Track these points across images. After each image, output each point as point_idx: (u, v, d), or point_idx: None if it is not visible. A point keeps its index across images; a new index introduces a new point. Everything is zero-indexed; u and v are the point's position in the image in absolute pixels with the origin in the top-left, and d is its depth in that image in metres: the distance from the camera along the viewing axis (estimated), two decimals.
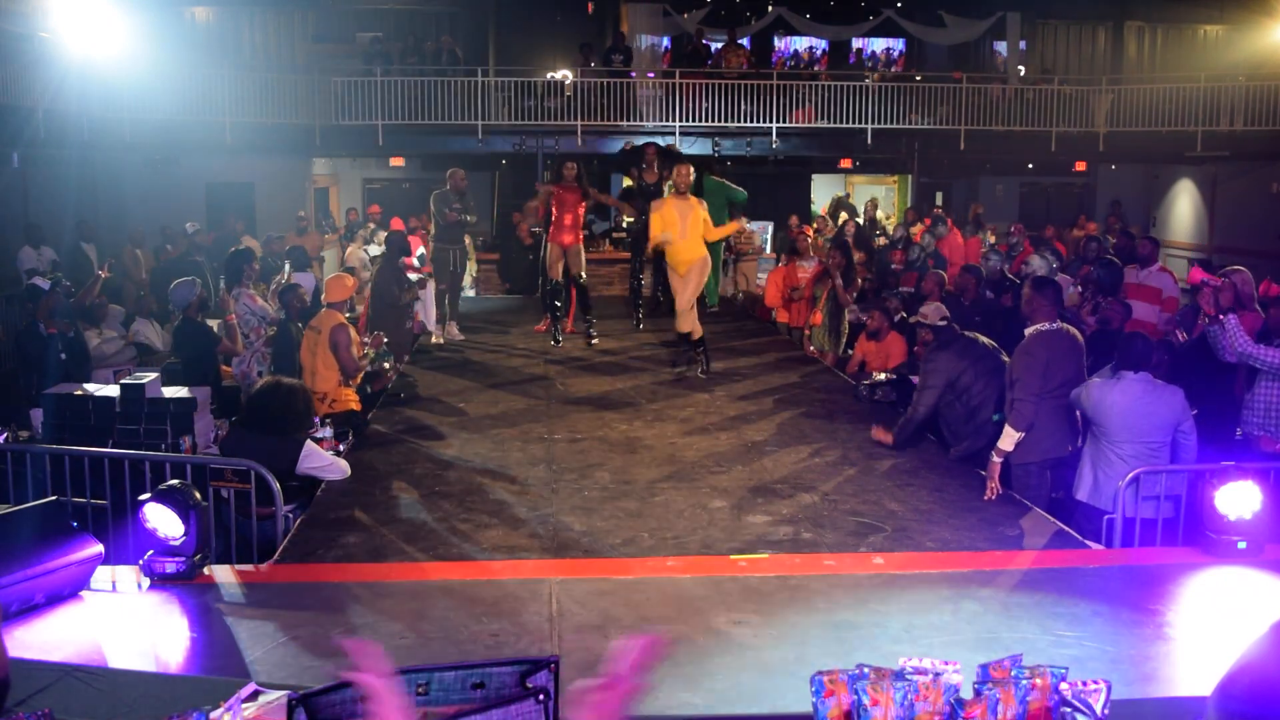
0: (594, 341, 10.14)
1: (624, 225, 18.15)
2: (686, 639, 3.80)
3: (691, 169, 8.79)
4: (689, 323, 8.55)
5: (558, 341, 10.09)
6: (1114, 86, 17.71)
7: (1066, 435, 5.70)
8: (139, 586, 4.21)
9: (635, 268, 11.62)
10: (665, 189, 10.73)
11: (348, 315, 7.90)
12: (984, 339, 6.53)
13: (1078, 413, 5.65)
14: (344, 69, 16.69)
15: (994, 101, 17.61)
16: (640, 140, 12.60)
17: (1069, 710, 2.40)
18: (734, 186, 11.89)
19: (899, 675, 2.42)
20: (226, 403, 7.53)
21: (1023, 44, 19.98)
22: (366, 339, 7.83)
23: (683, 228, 8.41)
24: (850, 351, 9.35)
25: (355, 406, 7.27)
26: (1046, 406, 5.58)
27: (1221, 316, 6.01)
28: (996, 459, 5.62)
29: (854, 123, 16.95)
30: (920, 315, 6.80)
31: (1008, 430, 5.57)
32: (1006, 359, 6.12)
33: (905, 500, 5.59)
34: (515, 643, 3.75)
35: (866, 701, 2.38)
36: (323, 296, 7.91)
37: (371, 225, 14.80)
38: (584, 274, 10.26)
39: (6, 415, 6.85)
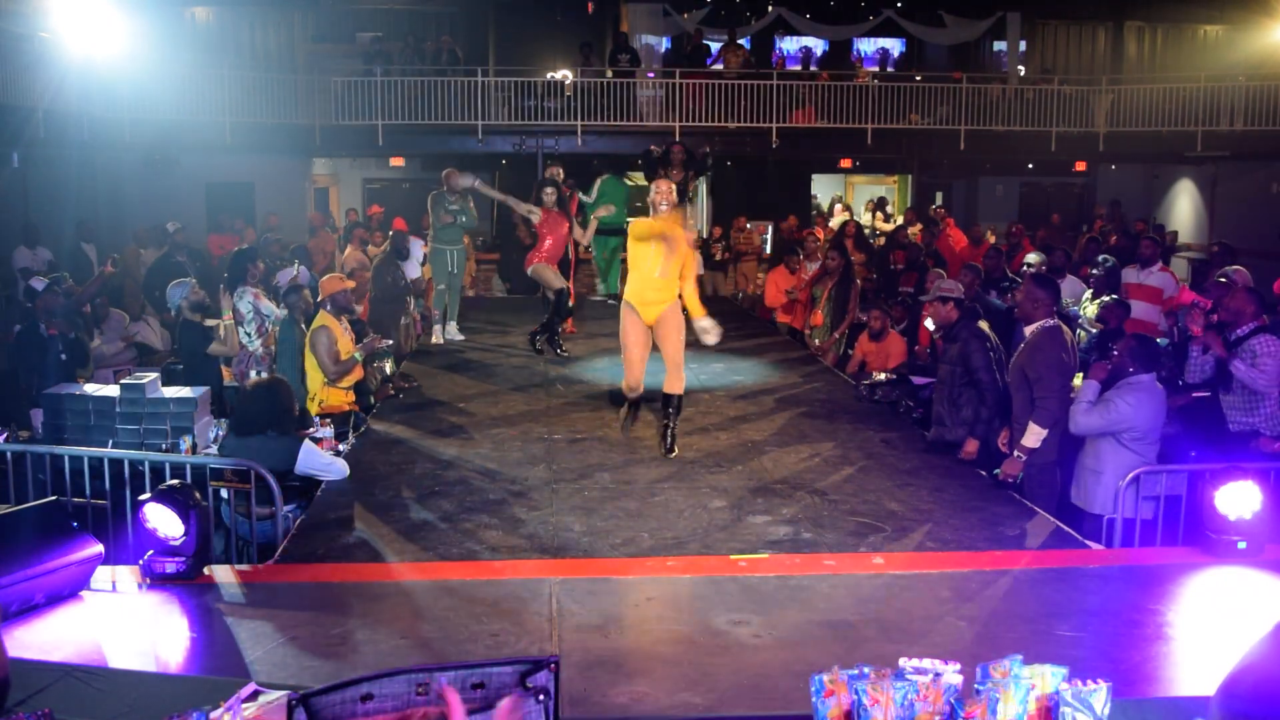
0: (562, 351, 9.57)
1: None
2: (686, 639, 3.80)
3: (673, 186, 6.61)
4: (678, 380, 6.48)
5: (561, 354, 9.66)
6: (1114, 86, 17.72)
7: (1075, 436, 5.73)
8: (139, 586, 4.21)
9: None
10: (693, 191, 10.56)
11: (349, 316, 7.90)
12: (991, 334, 6.52)
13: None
14: (344, 69, 16.68)
15: (994, 101, 17.61)
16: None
17: (1069, 710, 2.40)
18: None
19: (899, 675, 2.42)
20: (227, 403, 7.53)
21: (1023, 44, 19.97)
22: (366, 339, 7.80)
23: (664, 266, 6.36)
24: (850, 351, 9.36)
25: (347, 407, 7.23)
26: (1065, 406, 5.61)
27: (1199, 341, 6.12)
28: (1021, 456, 5.63)
29: (854, 123, 16.96)
30: (944, 289, 6.63)
31: (1034, 428, 5.55)
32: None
33: (905, 500, 5.59)
34: (515, 643, 3.75)
35: (866, 701, 2.38)
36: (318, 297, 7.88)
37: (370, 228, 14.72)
38: (568, 279, 9.98)
39: (6, 415, 6.85)
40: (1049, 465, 5.73)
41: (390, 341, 8.53)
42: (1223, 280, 7.74)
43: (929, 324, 7.66)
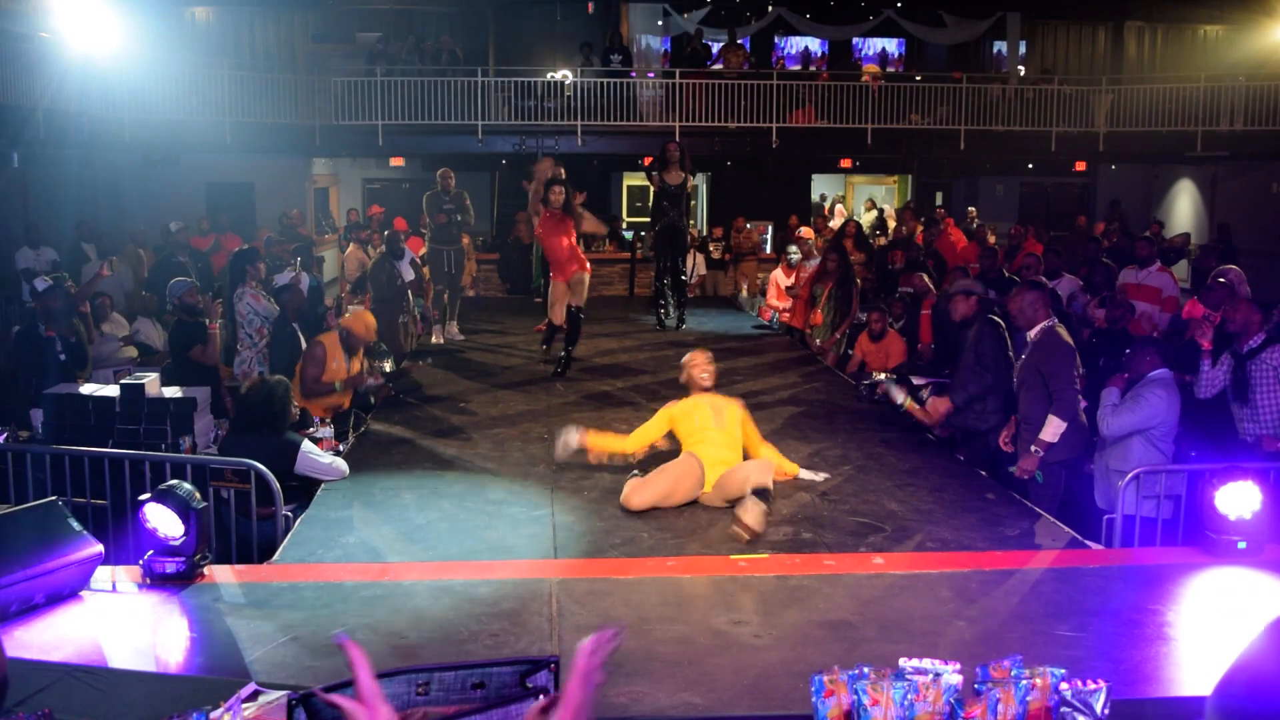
0: (561, 372, 8.74)
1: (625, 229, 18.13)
2: (686, 639, 3.80)
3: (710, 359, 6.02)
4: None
5: (560, 374, 8.76)
6: (1114, 86, 17.72)
7: (1083, 434, 5.74)
8: (139, 586, 4.21)
9: (660, 269, 11.04)
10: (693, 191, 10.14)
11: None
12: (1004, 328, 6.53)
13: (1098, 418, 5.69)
14: (344, 69, 16.69)
15: (994, 101, 17.61)
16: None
17: (1069, 710, 2.40)
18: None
19: (899, 675, 2.43)
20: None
21: (1023, 44, 19.97)
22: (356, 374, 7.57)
23: (717, 421, 5.71)
24: (850, 351, 9.36)
25: (323, 413, 7.12)
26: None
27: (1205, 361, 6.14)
28: (1039, 452, 5.62)
29: (854, 123, 16.96)
30: (968, 285, 6.65)
31: (1054, 420, 5.55)
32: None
33: (905, 500, 5.59)
34: (515, 643, 3.75)
35: (866, 701, 2.38)
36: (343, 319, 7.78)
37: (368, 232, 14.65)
38: (583, 306, 8.87)
39: (6, 415, 6.85)
40: (1057, 466, 5.72)
41: (378, 384, 8.15)
42: (1222, 281, 7.75)
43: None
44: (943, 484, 5.88)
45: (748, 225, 15.48)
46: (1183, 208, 20.35)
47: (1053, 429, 5.56)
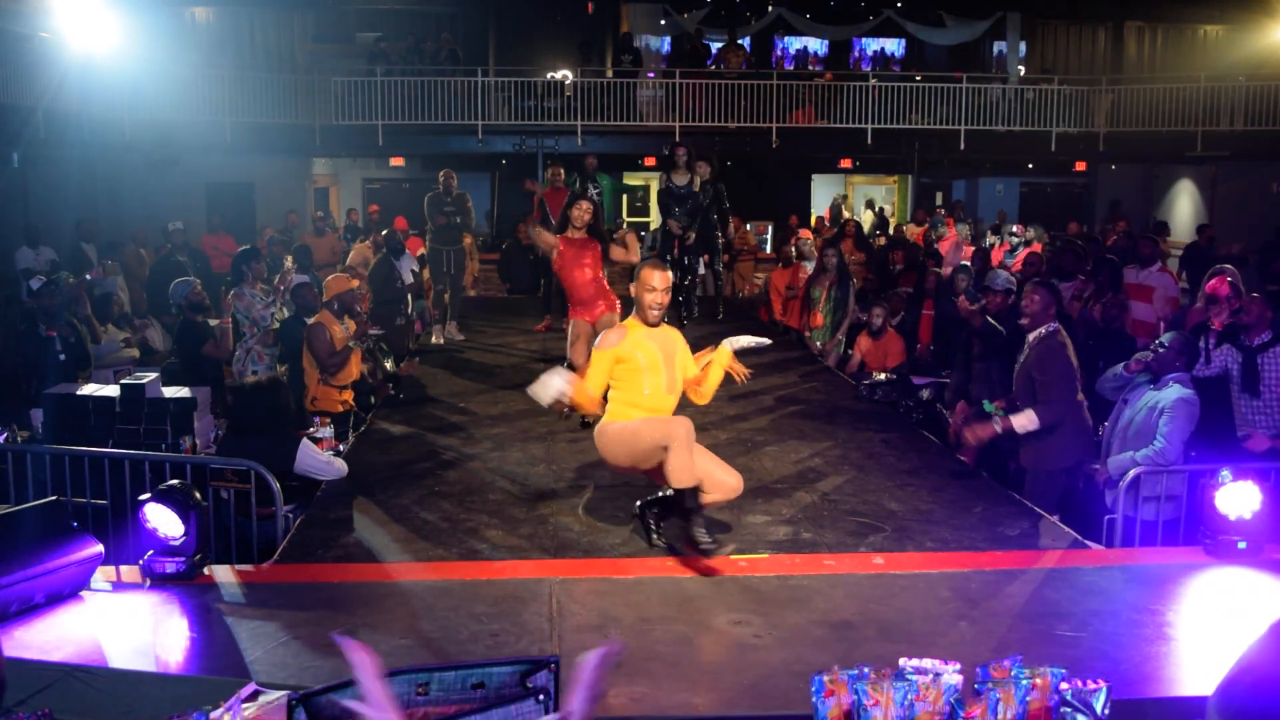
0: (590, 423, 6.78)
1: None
2: (686, 639, 3.80)
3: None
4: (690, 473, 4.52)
5: (587, 425, 6.78)
6: (1114, 86, 17.73)
7: (1084, 441, 5.71)
8: (139, 586, 4.22)
9: (685, 265, 10.81)
10: (700, 192, 10.00)
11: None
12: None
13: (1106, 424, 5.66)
14: (344, 69, 16.70)
15: (994, 101, 17.62)
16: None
17: (1069, 710, 2.40)
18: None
19: (899, 675, 2.43)
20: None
21: (1023, 44, 19.98)
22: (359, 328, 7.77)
23: (667, 377, 4.72)
24: (850, 351, 9.36)
25: (341, 408, 7.21)
26: (1071, 411, 5.59)
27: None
28: (998, 427, 5.60)
29: (854, 123, 16.97)
30: (1010, 282, 6.59)
31: (1031, 416, 5.52)
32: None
33: (905, 500, 5.59)
34: (515, 643, 3.75)
35: (866, 701, 2.38)
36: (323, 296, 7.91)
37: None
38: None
39: (6, 415, 6.85)
40: (1057, 473, 5.70)
41: (381, 330, 8.44)
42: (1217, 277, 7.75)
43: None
44: (943, 484, 5.88)
45: (746, 227, 15.48)
46: (1183, 208, 20.35)
47: (1024, 420, 5.52)
